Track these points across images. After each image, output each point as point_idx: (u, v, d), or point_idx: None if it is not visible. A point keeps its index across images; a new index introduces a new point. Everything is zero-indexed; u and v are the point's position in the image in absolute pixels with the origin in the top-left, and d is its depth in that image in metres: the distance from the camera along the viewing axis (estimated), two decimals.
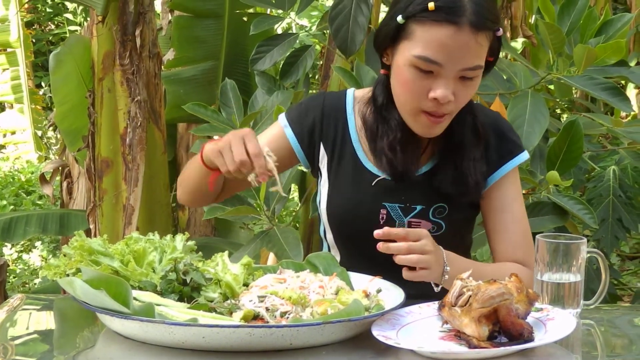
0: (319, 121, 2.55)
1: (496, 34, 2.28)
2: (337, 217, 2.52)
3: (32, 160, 10.76)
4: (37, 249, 8.44)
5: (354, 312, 1.89)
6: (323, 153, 2.55)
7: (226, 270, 2.13)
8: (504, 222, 2.45)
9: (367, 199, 2.48)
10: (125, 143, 4.79)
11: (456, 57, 2.22)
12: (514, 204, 2.47)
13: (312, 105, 2.58)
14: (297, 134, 2.56)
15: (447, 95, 2.24)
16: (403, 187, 2.45)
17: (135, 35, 4.82)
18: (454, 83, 2.25)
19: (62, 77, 5.31)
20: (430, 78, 2.25)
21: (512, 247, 2.44)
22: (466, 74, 2.25)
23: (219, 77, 5.47)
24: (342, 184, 2.52)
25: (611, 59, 3.71)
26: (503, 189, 2.47)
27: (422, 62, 2.23)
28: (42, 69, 12.72)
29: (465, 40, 2.20)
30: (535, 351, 1.85)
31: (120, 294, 1.88)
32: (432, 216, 2.44)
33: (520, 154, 2.49)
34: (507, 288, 1.86)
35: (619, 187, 4.38)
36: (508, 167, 2.46)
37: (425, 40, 2.23)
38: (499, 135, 2.49)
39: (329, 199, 2.54)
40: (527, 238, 2.46)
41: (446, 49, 2.21)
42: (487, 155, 2.46)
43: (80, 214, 5.24)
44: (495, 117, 2.54)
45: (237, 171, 2.17)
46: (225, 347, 1.82)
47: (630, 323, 2.38)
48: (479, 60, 2.26)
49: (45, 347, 2.11)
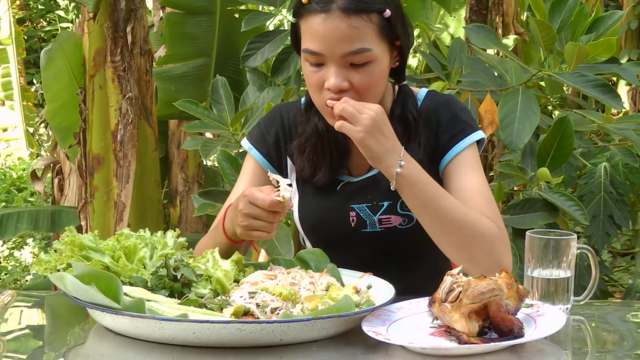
0: (282, 135, 2.57)
1: (384, 16, 2.27)
2: (310, 224, 2.54)
3: (24, 157, 10.76)
4: (29, 245, 8.44)
5: (344, 308, 1.89)
6: (291, 165, 2.57)
7: (217, 266, 2.13)
8: (463, 190, 2.38)
9: (334, 203, 2.50)
10: (117, 140, 4.80)
11: (332, 44, 2.24)
12: (471, 173, 2.41)
13: (271, 121, 2.61)
14: (264, 154, 2.57)
15: (337, 84, 2.26)
16: (367, 186, 2.47)
17: (127, 32, 4.83)
18: (345, 71, 2.27)
19: (53, 74, 5.31)
20: (322, 70, 2.29)
21: (476, 212, 2.41)
22: (353, 59, 2.25)
23: (210, 74, 5.47)
24: (309, 193, 2.54)
25: (602, 56, 3.71)
26: (458, 163, 2.42)
27: (308, 55, 2.29)
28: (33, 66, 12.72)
29: (336, 24, 2.22)
30: (526, 347, 1.85)
31: (110, 290, 1.88)
32: (401, 209, 2.44)
33: (472, 133, 2.45)
34: (498, 284, 1.86)
35: (610, 184, 4.39)
36: (460, 146, 2.42)
37: (306, 33, 2.29)
38: (450, 117, 2.47)
39: (299, 208, 2.56)
40: (491, 204, 2.39)
41: (321, 37, 2.24)
42: (438, 136, 2.45)
43: (72, 211, 5.24)
44: (446, 99, 2.53)
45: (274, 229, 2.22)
46: (216, 342, 1.82)
47: (622, 319, 2.38)
48: (362, 43, 2.25)
49: (37, 344, 2.11)
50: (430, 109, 2.48)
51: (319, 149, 2.48)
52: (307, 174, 2.50)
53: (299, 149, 2.50)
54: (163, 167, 5.79)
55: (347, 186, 2.50)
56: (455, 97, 2.78)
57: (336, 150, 2.48)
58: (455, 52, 4.22)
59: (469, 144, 2.44)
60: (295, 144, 2.51)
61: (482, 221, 2.29)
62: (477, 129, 2.48)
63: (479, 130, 2.48)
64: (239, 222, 2.21)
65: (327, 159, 2.48)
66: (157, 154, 5.21)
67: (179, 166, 6.03)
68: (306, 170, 2.50)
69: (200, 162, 6.10)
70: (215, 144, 3.91)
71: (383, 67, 2.32)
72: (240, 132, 3.98)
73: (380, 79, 2.34)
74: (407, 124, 2.44)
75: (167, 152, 6.07)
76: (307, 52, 2.28)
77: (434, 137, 2.46)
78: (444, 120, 2.46)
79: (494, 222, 2.32)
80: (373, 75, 2.30)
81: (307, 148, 2.48)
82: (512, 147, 3.53)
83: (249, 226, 2.20)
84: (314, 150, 2.48)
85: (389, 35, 2.30)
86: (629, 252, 7.30)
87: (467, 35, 4.40)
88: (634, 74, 3.99)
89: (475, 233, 2.25)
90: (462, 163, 2.43)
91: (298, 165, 2.52)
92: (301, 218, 2.56)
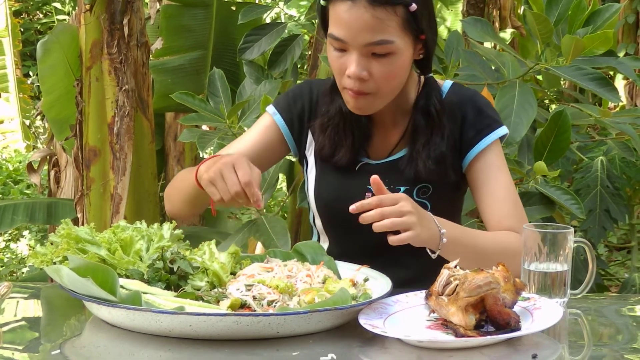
0: (308, 108, 2.60)
1: (409, 9, 2.28)
2: (325, 202, 2.55)
3: (20, 149, 10.75)
4: (25, 238, 8.44)
5: (341, 301, 1.89)
6: (310, 140, 2.59)
7: (213, 258, 2.13)
8: (492, 193, 2.45)
9: (351, 183, 2.51)
10: (113, 132, 4.79)
11: (355, 32, 2.25)
12: (499, 174, 2.47)
13: (300, 93, 2.63)
14: (287, 121, 2.60)
15: (357, 72, 2.28)
16: (386, 170, 2.47)
17: (123, 24, 4.81)
18: (366, 60, 2.29)
19: (50, 66, 5.30)
20: (345, 56, 2.31)
21: (503, 216, 2.43)
22: (375, 49, 2.27)
23: (207, 67, 5.46)
24: (328, 170, 2.55)
25: (599, 50, 3.71)
26: (485, 162, 2.46)
27: (333, 40, 2.31)
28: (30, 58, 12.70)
29: (361, 14, 2.24)
30: (522, 340, 1.85)
31: (107, 282, 1.88)
32: (417, 196, 2.46)
33: (498, 128, 2.49)
34: (494, 277, 1.86)
35: (607, 178, 4.39)
36: (486, 141, 2.46)
37: (333, 19, 2.30)
38: (476, 112, 2.50)
39: (316, 185, 2.58)
40: (518, 206, 2.46)
41: (345, 24, 2.26)
42: (463, 132, 2.48)
43: (68, 203, 5.23)
44: (472, 94, 2.55)
45: (232, 200, 2.18)
46: (212, 335, 1.82)
47: (618, 312, 2.39)
48: (384, 35, 2.26)
49: (33, 335, 2.11)
50: (455, 102, 2.51)
51: (341, 130, 2.50)
52: (327, 153, 2.53)
53: (321, 128, 2.53)
54: (159, 159, 5.79)
55: (366, 167, 2.52)
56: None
57: (358, 132, 2.51)
58: (453, 46, 4.21)
59: (494, 140, 2.47)
60: (318, 122, 2.54)
61: (510, 242, 2.35)
62: (502, 124, 2.52)
63: (503, 125, 2.52)
64: (211, 171, 2.20)
65: (349, 140, 2.51)
66: (154, 147, 5.20)
67: (175, 159, 6.03)
68: (326, 149, 2.52)
69: (197, 154, 6.10)
70: (212, 137, 3.92)
71: (405, 59, 2.33)
72: (237, 125, 3.97)
73: (401, 71, 2.35)
74: (430, 116, 2.46)
75: (163, 145, 6.07)
76: (332, 37, 2.31)
77: (458, 131, 2.49)
78: (470, 116, 2.49)
79: (517, 226, 2.37)
80: (393, 67, 2.31)
81: (330, 128, 2.51)
82: (509, 141, 3.52)
83: (214, 179, 2.18)
84: (336, 130, 2.51)
85: (413, 28, 2.31)
86: (625, 246, 7.30)
87: (464, 29, 4.40)
88: (631, 67, 3.99)
89: (503, 255, 2.26)
90: (490, 162, 2.47)
91: (319, 143, 2.55)
92: (316, 195, 2.58)
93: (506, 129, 2.52)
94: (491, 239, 2.37)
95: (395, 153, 2.51)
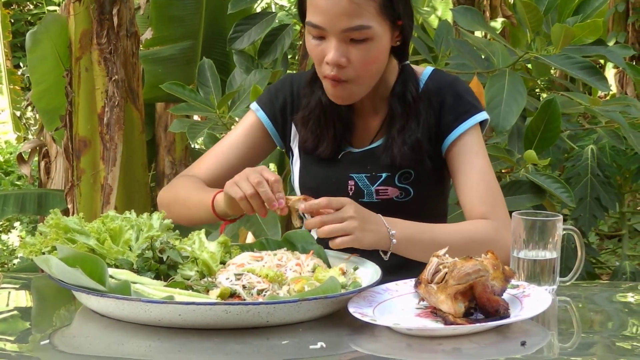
0: (290, 101, 2.61)
1: None
2: (309, 191, 2.54)
3: (11, 140, 10.73)
4: (16, 229, 8.43)
5: (330, 290, 1.89)
6: (295, 132, 2.61)
7: (203, 248, 2.13)
8: (467, 178, 2.44)
9: (334, 171, 2.53)
10: (103, 123, 4.78)
11: (333, 18, 2.26)
12: (475, 159, 2.46)
13: (281, 87, 2.65)
14: (270, 116, 2.62)
15: (335, 59, 2.29)
16: (367, 157, 2.50)
17: (113, 14, 4.81)
18: (345, 47, 2.29)
19: (39, 57, 5.29)
20: (324, 43, 2.31)
21: (477, 201, 2.43)
22: (353, 35, 2.28)
23: (197, 57, 5.46)
24: (311, 160, 2.57)
25: (589, 38, 3.71)
26: (463, 147, 2.46)
27: (311, 28, 2.32)
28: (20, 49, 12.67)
29: (338, 0, 2.24)
30: (511, 327, 1.86)
31: (96, 272, 1.87)
32: (399, 182, 2.47)
33: (477, 114, 2.48)
34: (483, 265, 1.87)
35: (597, 166, 4.39)
36: (464, 126, 2.46)
37: (310, 6, 2.31)
38: (455, 97, 2.50)
39: (301, 175, 2.60)
40: (493, 191, 2.45)
41: (323, 11, 2.27)
42: (442, 116, 2.48)
43: (59, 194, 5.23)
44: (451, 80, 2.55)
45: (255, 196, 2.16)
46: (202, 324, 1.82)
47: (609, 299, 2.39)
48: (362, 20, 2.26)
49: (24, 325, 2.11)
50: (434, 88, 2.51)
51: (323, 123, 2.51)
52: (310, 146, 2.54)
53: (303, 121, 2.54)
54: (150, 149, 5.78)
55: (348, 155, 2.53)
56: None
57: (339, 123, 2.52)
58: (442, 35, 4.21)
59: (472, 125, 2.47)
60: (300, 116, 2.55)
61: (477, 232, 2.35)
62: (482, 110, 2.51)
63: (483, 111, 2.52)
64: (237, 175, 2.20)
65: (331, 132, 2.51)
66: (144, 137, 5.20)
67: (165, 149, 6.02)
68: (309, 142, 2.53)
69: (188, 144, 6.09)
70: (202, 127, 3.91)
71: (382, 45, 2.34)
72: (227, 115, 3.97)
73: (379, 56, 2.36)
74: (406, 103, 2.46)
75: (154, 135, 6.06)
76: (310, 25, 2.31)
77: (437, 116, 2.48)
78: (449, 101, 2.49)
79: (490, 211, 2.39)
80: (371, 53, 2.32)
81: (311, 121, 2.52)
82: (499, 130, 3.53)
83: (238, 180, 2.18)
84: (317, 123, 2.51)
85: (390, 14, 2.31)
86: (616, 235, 7.32)
87: (454, 18, 4.40)
88: (621, 56, 3.99)
89: (470, 246, 2.26)
90: (467, 147, 2.46)
91: (302, 137, 2.56)
92: (301, 184, 2.60)
93: (486, 114, 2.51)
94: (456, 231, 2.36)
95: (376, 140, 2.52)
